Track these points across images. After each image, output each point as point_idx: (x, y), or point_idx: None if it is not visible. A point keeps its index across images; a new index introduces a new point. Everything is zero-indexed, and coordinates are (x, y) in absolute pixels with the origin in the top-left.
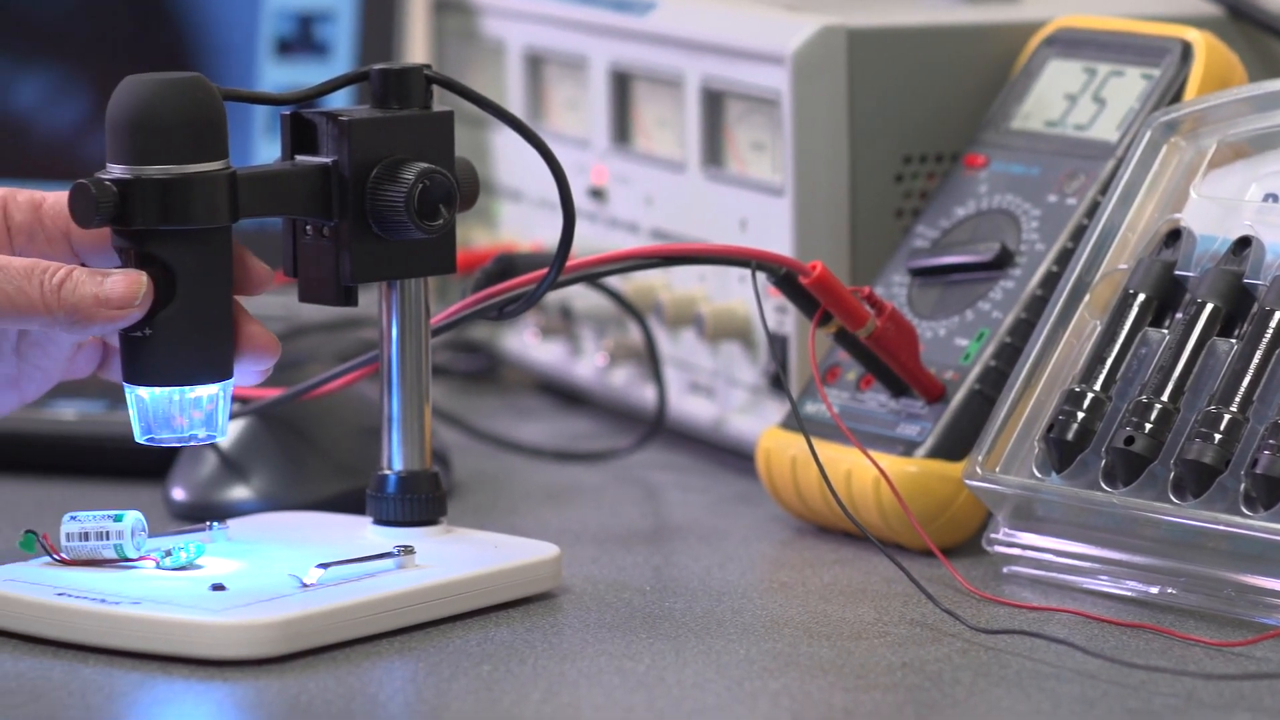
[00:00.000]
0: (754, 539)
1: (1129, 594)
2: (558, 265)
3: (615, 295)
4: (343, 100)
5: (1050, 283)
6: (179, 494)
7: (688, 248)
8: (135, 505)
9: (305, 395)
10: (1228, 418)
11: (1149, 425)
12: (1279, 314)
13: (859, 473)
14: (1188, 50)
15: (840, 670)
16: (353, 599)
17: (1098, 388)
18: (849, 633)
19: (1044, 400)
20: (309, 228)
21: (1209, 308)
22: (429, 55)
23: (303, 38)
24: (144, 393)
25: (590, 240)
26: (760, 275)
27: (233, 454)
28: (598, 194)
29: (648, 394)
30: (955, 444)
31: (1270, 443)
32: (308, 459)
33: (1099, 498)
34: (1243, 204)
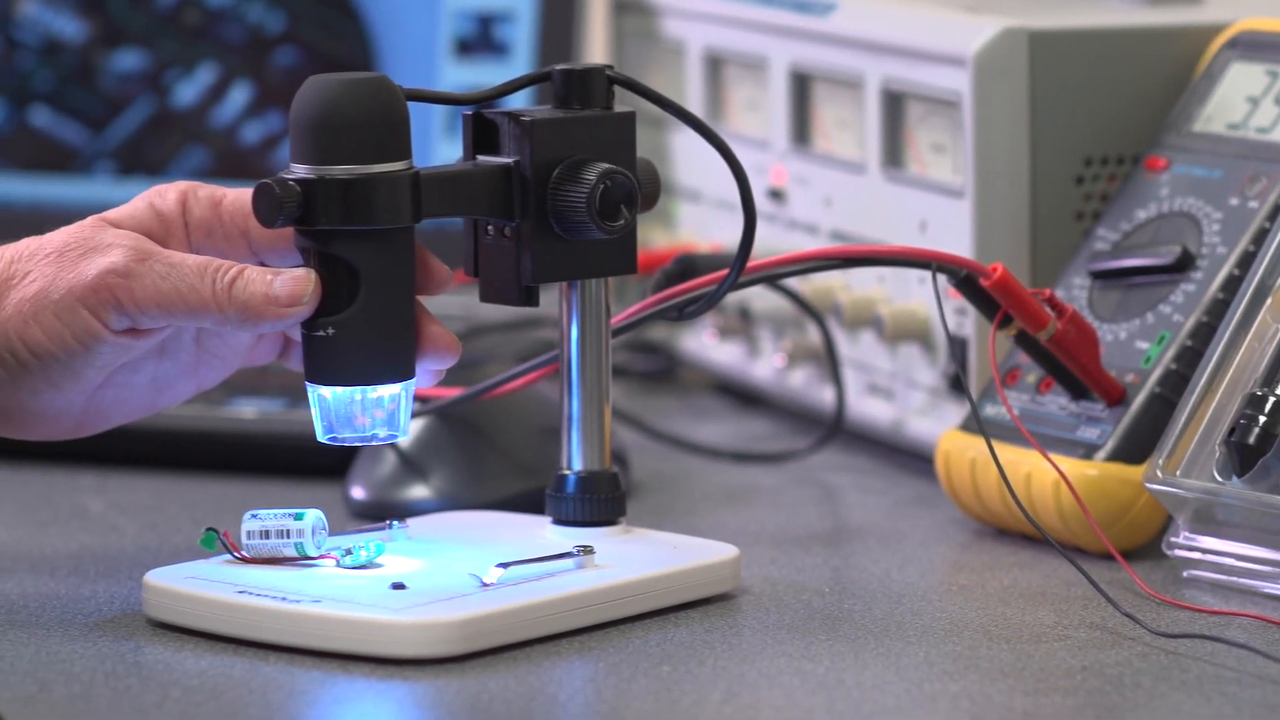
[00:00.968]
0: (933, 541)
1: None
2: (738, 266)
3: (795, 296)
4: (522, 101)
5: (1231, 286)
6: (358, 493)
7: (868, 249)
8: (315, 504)
9: (485, 395)
10: None
11: None
12: None
13: (1039, 475)
14: None
15: (1020, 673)
16: (532, 599)
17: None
18: (1028, 636)
19: (1225, 404)
20: (490, 228)
21: None
22: (608, 56)
23: (482, 38)
24: (326, 392)
25: (769, 241)
26: (940, 277)
27: (412, 453)
28: (777, 195)
29: (826, 395)
30: (1135, 447)
31: None
32: (487, 458)
33: None
34: None
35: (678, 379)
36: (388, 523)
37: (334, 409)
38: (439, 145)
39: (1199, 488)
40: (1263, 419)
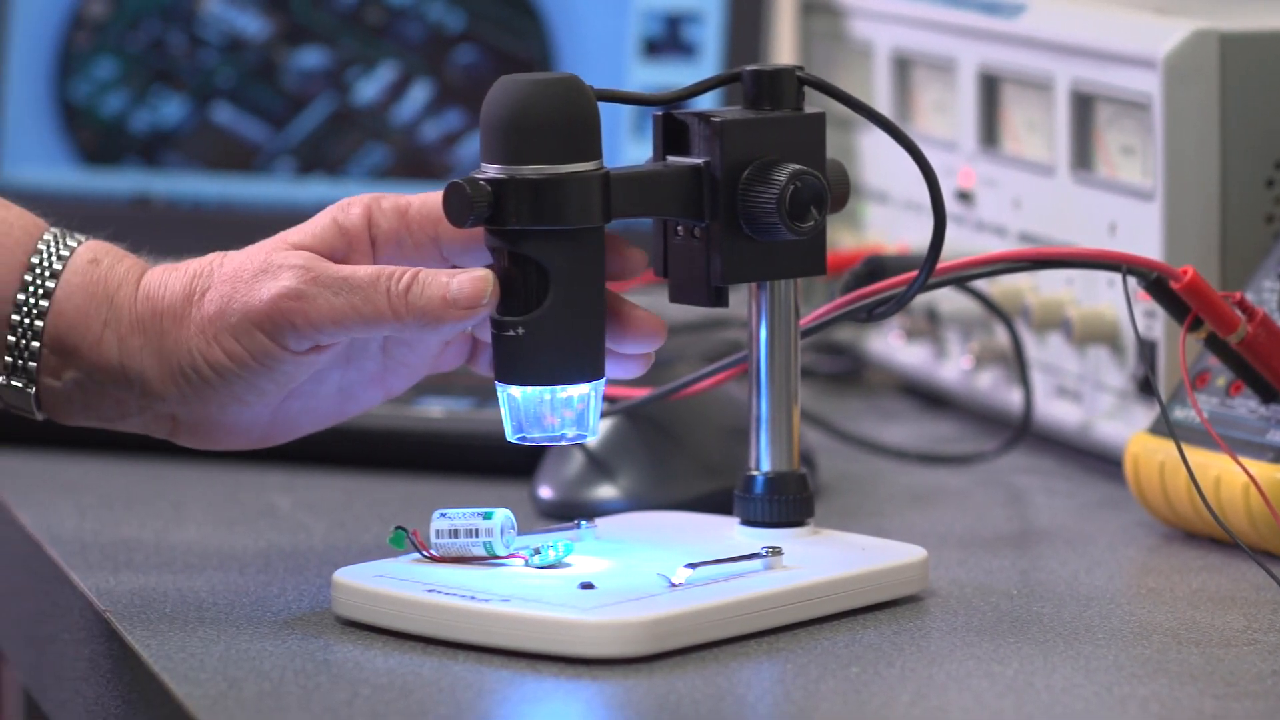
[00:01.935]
0: (1120, 544)
1: None
2: (928, 267)
3: (983, 298)
4: (710, 101)
5: None
6: (546, 492)
7: (1057, 251)
8: (503, 503)
9: (673, 395)
10: None
11: None
12: None
13: (1228, 479)
14: None
15: (1209, 677)
16: (721, 599)
17: None
18: (1218, 639)
19: None
20: (679, 229)
21: None
22: (795, 56)
23: (670, 38)
24: (516, 392)
25: (957, 243)
26: (1130, 279)
27: (600, 453)
28: (965, 197)
29: (1013, 397)
30: None
31: None
32: (674, 459)
33: None
34: None
35: (864, 380)
36: (576, 522)
37: (523, 409)
38: (627, 145)
39: None
40: None
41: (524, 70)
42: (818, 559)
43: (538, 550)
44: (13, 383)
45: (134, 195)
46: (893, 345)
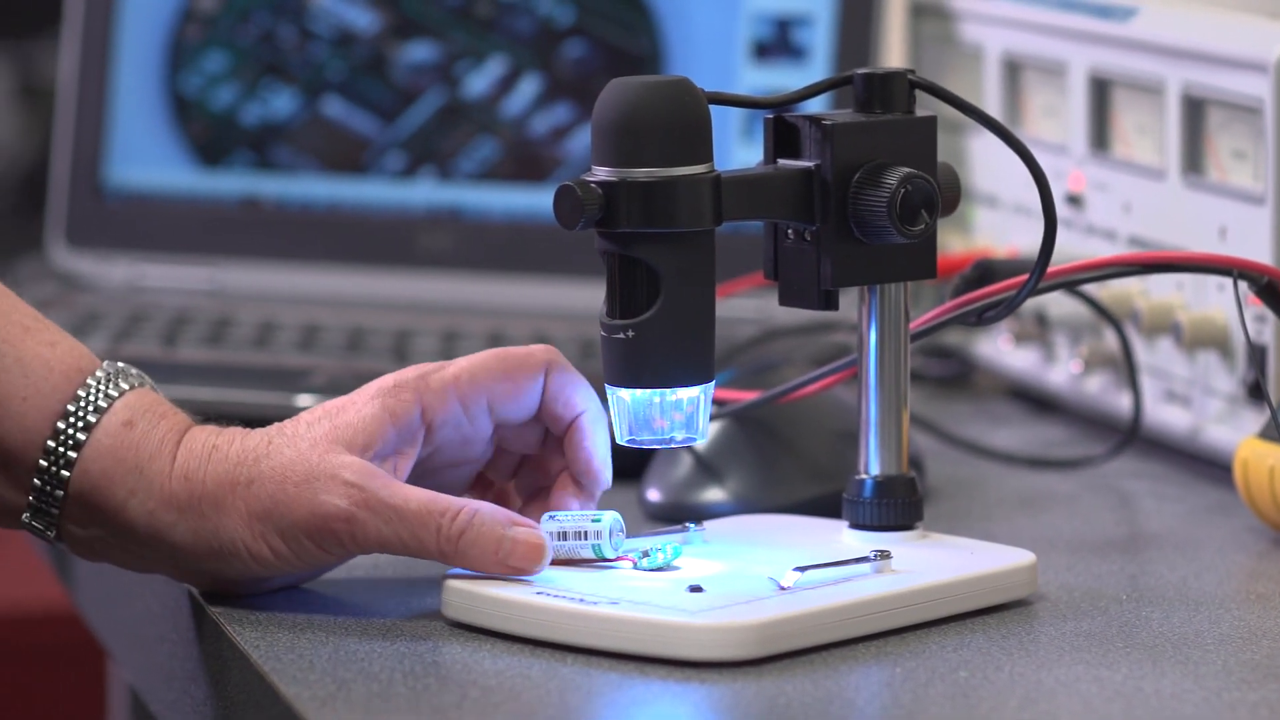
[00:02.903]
0: (1230, 549)
1: None
2: (1039, 271)
3: (1093, 302)
4: (819, 104)
5: None
6: (654, 495)
7: (1168, 255)
8: (611, 505)
9: (782, 399)
10: None
11: None
12: None
13: None
14: None
15: None
16: (829, 603)
17: None
18: None
19: None
20: (790, 231)
21: None
22: (905, 60)
23: (780, 41)
24: (625, 394)
25: (1066, 247)
26: (1241, 284)
27: (708, 456)
28: (1075, 201)
29: (1122, 402)
30: None
31: None
32: (782, 462)
33: None
34: None
35: (973, 384)
36: (685, 525)
37: (633, 411)
38: (736, 148)
39: None
40: None
41: (634, 65)
42: (926, 563)
43: (646, 553)
44: (34, 524)
45: (243, 197)
46: (1002, 349)
